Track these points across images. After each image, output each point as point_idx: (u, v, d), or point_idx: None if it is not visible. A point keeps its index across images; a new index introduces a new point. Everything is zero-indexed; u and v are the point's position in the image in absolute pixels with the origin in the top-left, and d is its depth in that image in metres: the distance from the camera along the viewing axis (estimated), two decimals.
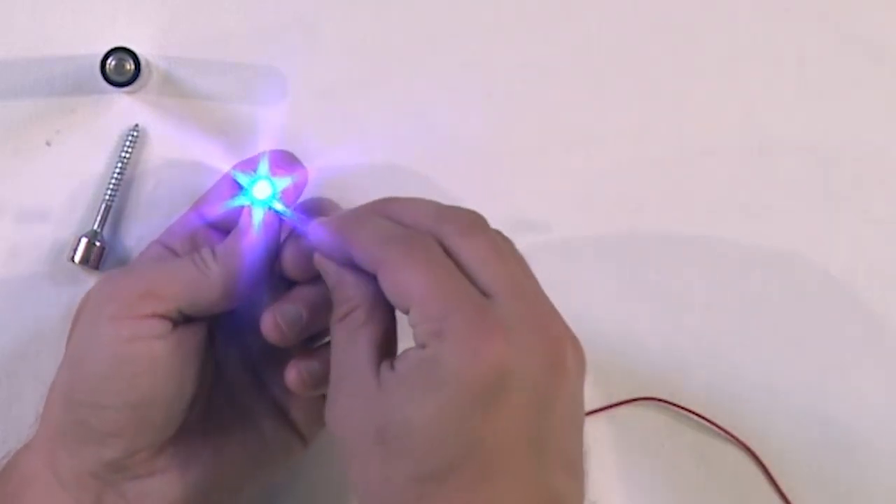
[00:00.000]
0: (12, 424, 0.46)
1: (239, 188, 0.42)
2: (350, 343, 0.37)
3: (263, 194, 0.41)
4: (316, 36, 0.49)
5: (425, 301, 0.34)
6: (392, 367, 0.35)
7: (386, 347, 0.37)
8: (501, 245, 0.37)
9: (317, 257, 0.39)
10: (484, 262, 0.35)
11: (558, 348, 0.35)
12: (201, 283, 0.39)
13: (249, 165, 0.43)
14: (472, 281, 0.35)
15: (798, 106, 0.51)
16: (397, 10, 0.49)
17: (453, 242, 0.36)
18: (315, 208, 0.43)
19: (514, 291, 0.35)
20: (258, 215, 0.41)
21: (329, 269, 0.39)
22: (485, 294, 0.35)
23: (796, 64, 0.51)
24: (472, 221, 0.37)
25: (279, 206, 0.41)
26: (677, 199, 0.50)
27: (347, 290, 0.38)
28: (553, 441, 0.35)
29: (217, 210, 0.43)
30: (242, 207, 0.41)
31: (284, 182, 0.42)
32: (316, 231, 0.39)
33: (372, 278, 0.37)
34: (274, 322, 0.40)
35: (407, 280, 0.35)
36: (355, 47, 0.49)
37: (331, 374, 0.38)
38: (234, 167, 0.43)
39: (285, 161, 0.43)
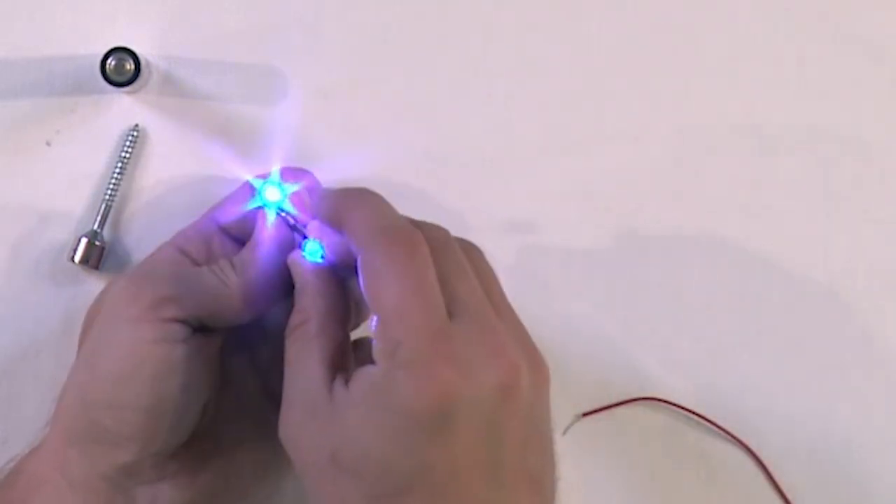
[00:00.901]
0: (12, 424, 0.46)
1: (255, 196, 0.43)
2: (302, 356, 0.37)
3: (274, 197, 0.42)
4: (316, 36, 0.49)
5: (387, 315, 0.34)
6: (346, 384, 0.36)
7: (339, 361, 0.37)
8: (466, 262, 0.37)
9: (289, 259, 0.40)
10: (456, 279, 0.36)
11: (511, 373, 0.35)
12: (223, 294, 0.40)
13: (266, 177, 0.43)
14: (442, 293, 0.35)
15: (798, 106, 0.51)
16: (397, 10, 0.49)
17: (435, 250, 0.36)
18: (294, 176, 0.43)
19: (471, 313, 0.35)
20: (272, 223, 0.41)
21: (295, 274, 0.39)
22: (450, 311, 0.35)
23: (796, 64, 0.51)
24: (440, 237, 0.37)
25: (289, 208, 0.42)
26: (677, 199, 0.50)
27: (304, 300, 0.38)
28: (510, 462, 0.35)
29: (232, 216, 0.43)
30: (257, 218, 0.42)
31: (293, 188, 0.42)
32: (317, 200, 0.39)
33: (332, 289, 0.38)
34: None
35: (377, 283, 0.35)
36: (355, 47, 0.49)
37: (283, 388, 0.38)
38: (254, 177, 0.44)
39: (297, 173, 0.43)
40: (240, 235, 0.43)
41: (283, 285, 0.41)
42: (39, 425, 0.41)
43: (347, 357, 0.38)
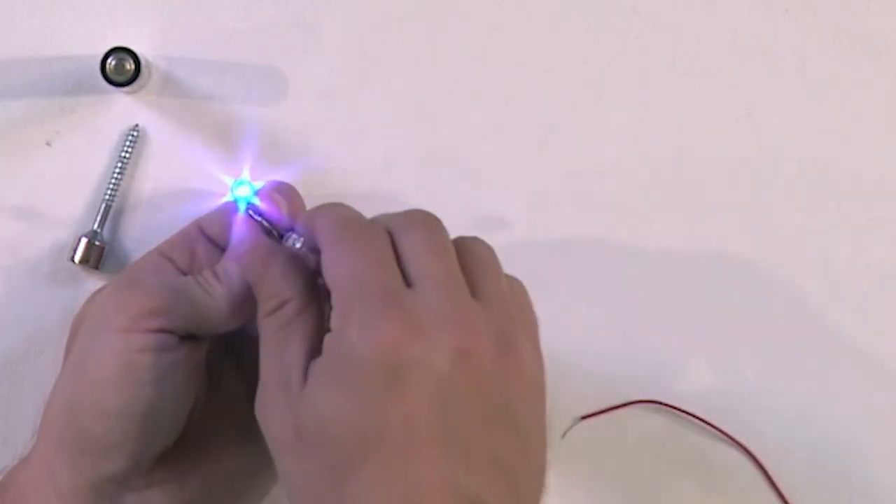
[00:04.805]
0: (12, 425, 0.46)
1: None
2: (281, 338, 0.37)
3: (243, 193, 0.43)
4: (316, 36, 0.49)
5: (343, 284, 0.35)
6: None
7: (318, 343, 0.37)
8: (442, 243, 0.37)
9: (255, 244, 0.40)
10: (416, 253, 0.36)
11: (469, 339, 0.35)
12: (209, 304, 0.40)
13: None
14: (404, 271, 0.36)
15: (798, 106, 0.51)
16: (397, 10, 0.50)
17: (397, 234, 0.37)
18: (276, 191, 0.44)
19: (437, 283, 0.35)
20: (244, 227, 0.42)
21: (255, 263, 0.39)
22: (410, 283, 0.35)
23: (796, 64, 0.51)
24: (418, 218, 0.38)
25: (261, 208, 0.42)
26: (677, 199, 0.50)
27: (277, 283, 0.38)
28: (472, 437, 0.34)
29: (216, 226, 0.43)
30: (233, 225, 0.42)
31: (260, 185, 0.43)
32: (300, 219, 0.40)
33: (303, 272, 0.38)
34: None
35: (335, 261, 0.36)
36: (355, 47, 0.49)
37: (260, 369, 0.37)
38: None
39: (285, 190, 0.44)
40: (224, 244, 0.43)
41: None
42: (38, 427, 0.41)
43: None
